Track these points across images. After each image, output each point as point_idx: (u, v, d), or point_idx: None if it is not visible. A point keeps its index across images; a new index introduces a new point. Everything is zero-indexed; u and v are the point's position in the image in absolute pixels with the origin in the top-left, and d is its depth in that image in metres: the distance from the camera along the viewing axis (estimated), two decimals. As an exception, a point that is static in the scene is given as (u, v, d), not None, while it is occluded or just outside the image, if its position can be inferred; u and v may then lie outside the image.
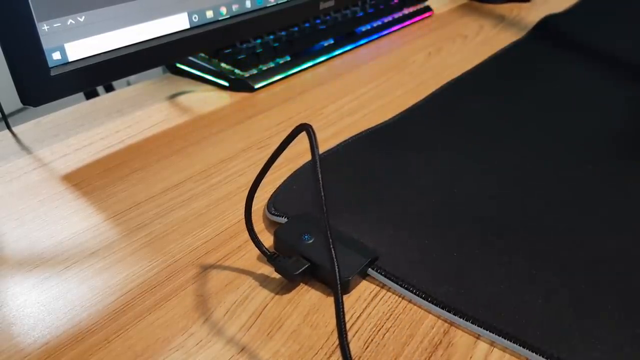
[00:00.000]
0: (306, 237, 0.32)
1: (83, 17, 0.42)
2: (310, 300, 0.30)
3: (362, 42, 0.67)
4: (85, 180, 0.41)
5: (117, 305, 0.30)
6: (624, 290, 0.30)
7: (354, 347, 0.27)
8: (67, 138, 0.47)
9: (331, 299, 0.30)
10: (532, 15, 0.79)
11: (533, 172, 0.41)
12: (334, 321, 0.28)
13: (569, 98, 0.53)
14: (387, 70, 0.61)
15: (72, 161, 0.43)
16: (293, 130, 0.26)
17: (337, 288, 0.23)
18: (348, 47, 0.65)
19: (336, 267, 0.24)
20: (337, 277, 0.23)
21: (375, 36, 0.69)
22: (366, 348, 0.27)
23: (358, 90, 0.56)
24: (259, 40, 0.59)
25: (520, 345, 0.27)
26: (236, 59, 0.56)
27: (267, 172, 0.28)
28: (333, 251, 0.24)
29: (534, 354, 0.26)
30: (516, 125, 0.48)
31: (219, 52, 0.57)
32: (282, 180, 0.40)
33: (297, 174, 0.40)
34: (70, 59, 0.42)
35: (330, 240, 0.24)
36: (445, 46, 0.67)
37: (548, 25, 0.72)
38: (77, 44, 0.42)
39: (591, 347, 0.26)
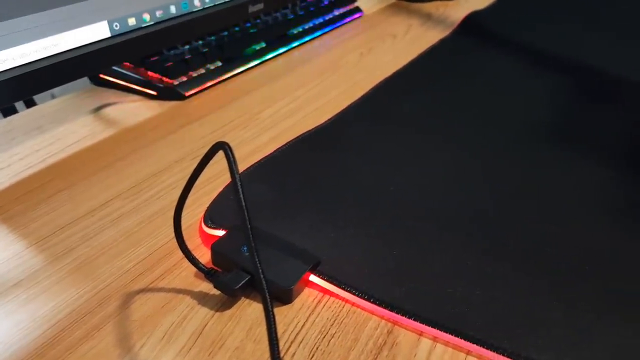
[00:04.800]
0: (245, 248, 0.31)
1: (-11, 30, 0.39)
2: (253, 314, 0.29)
3: (294, 44, 0.67)
4: (4, 206, 0.38)
5: (45, 339, 0.28)
6: (558, 275, 0.31)
7: (300, 356, 0.26)
8: (-19, 160, 0.43)
9: (276, 310, 0.29)
10: (458, 12, 0.82)
11: (469, 166, 0.42)
12: (278, 332, 0.28)
13: (497, 92, 0.55)
14: (321, 72, 0.60)
15: (-13, 185, 0.40)
16: (209, 150, 0.25)
17: (268, 304, 0.22)
18: (280, 50, 0.65)
19: (263, 282, 0.23)
20: (267, 295, 0.22)
21: (308, 38, 0.69)
22: (312, 357, 0.26)
23: (293, 93, 0.55)
24: (187, 47, 0.57)
25: (461, 338, 0.27)
26: (164, 66, 0.54)
27: (189, 191, 0.27)
28: (260, 268, 0.23)
29: (475, 345, 0.27)
30: (448, 121, 0.49)
31: (145, 61, 0.54)
32: (218, 191, 0.38)
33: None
34: (-22, 76, 0.39)
35: (257, 257, 0.23)
36: (376, 46, 0.68)
37: (473, 21, 0.75)
38: (-15, 59, 0.39)
39: (531, 333, 0.27)
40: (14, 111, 0.77)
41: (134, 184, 0.40)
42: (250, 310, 0.29)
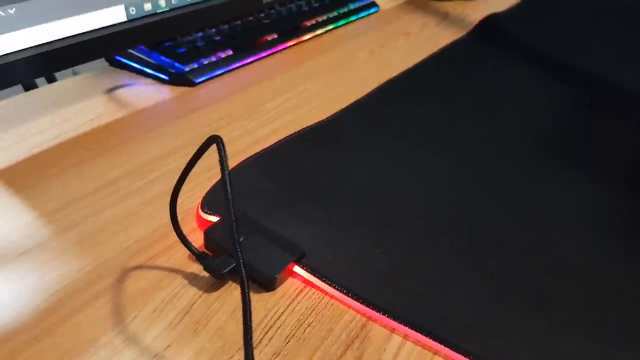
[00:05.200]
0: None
1: (14, 9, 0.41)
2: (238, 298, 0.31)
3: (306, 37, 0.68)
4: (18, 179, 0.40)
5: (47, 305, 0.30)
6: (543, 287, 0.32)
7: (276, 341, 0.28)
8: (3, 131, 0.46)
9: (259, 296, 0.31)
10: (477, 13, 0.82)
11: (463, 175, 0.43)
12: (262, 316, 0.30)
13: (503, 100, 0.55)
14: (330, 67, 0.62)
15: (3, 157, 0.43)
16: (203, 143, 0.27)
17: (245, 289, 0.24)
18: (292, 42, 0.66)
19: (242, 270, 0.25)
20: (245, 280, 0.24)
21: (320, 31, 0.70)
22: (287, 343, 0.28)
23: (299, 87, 0.57)
24: (200, 34, 0.59)
25: (431, 338, 0.29)
26: (176, 52, 0.55)
27: (184, 181, 0.29)
28: (241, 257, 0.25)
29: (443, 345, 0.28)
30: (450, 126, 0.50)
31: (159, 45, 0.56)
32: (218, 178, 0.40)
33: (233, 171, 0.41)
34: (0, 53, 0.41)
35: (239, 247, 0.25)
36: (388, 44, 0.69)
37: (489, 24, 0.75)
38: (7, 37, 0.41)
39: (500, 339, 0.29)
40: (34, 86, 0.80)
41: (140, 165, 0.43)
42: (236, 293, 0.31)
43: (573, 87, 0.59)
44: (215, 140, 0.26)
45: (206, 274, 0.32)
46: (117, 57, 0.58)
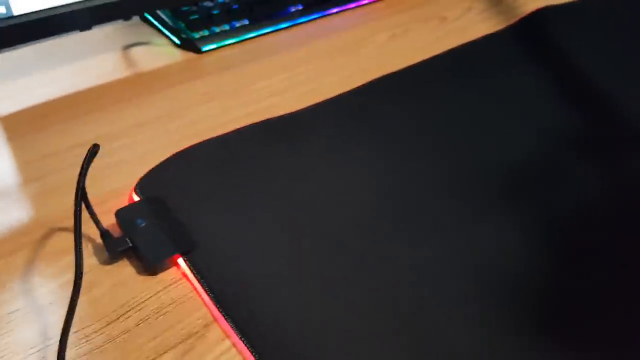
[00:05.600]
0: (139, 221, 0.38)
1: (28, -22, 0.47)
2: (124, 274, 0.37)
3: (332, 10, 0.67)
4: (13, 127, 0.48)
5: (-7, 242, 0.38)
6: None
7: (130, 322, 0.34)
8: (13, 80, 0.54)
9: (140, 277, 0.37)
10: (536, 2, 0.74)
11: (406, 203, 0.42)
12: (132, 296, 0.36)
13: (493, 120, 0.52)
14: (340, 48, 0.62)
15: (8, 105, 0.51)
16: (87, 154, 0.32)
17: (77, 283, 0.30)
18: (315, 16, 0.66)
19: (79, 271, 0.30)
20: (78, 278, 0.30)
21: (351, 5, 0.69)
22: (138, 325, 0.34)
23: (301, 67, 0.58)
24: (220, 0, 0.61)
25: (248, 349, 0.32)
26: (189, 17, 0.59)
27: (83, 180, 0.35)
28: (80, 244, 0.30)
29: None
30: (422, 141, 0.48)
31: (177, 10, 0.60)
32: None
33: (181, 153, 0.45)
34: (15, 13, 0.48)
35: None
36: (415, 28, 0.66)
37: (537, 19, 0.68)
38: None
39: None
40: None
41: (119, 129, 0.49)
42: (125, 272, 0.37)
43: (582, 115, 0.53)
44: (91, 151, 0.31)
45: (111, 248, 0.38)
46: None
